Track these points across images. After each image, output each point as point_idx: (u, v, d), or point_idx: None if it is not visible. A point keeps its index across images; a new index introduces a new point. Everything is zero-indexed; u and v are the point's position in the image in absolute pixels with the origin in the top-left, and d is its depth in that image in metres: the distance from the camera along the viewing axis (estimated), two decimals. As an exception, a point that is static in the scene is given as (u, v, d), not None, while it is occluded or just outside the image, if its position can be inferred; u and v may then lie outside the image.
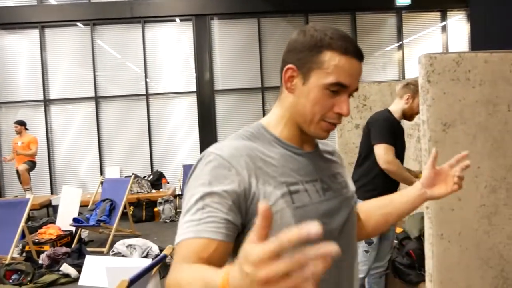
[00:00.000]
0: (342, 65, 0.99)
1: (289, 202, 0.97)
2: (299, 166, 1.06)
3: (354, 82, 1.01)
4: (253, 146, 1.02)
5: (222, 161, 0.96)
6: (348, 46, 0.99)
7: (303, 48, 1.02)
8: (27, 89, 9.44)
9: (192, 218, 0.91)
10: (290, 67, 1.03)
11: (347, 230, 1.10)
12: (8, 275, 4.49)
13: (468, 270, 2.07)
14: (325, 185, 1.08)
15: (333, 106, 1.02)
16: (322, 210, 1.03)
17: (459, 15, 10.11)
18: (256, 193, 0.95)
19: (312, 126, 1.04)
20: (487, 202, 2.08)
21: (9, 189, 9.35)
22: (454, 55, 2.03)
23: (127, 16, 9.34)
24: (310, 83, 1.01)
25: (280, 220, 0.96)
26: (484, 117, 2.06)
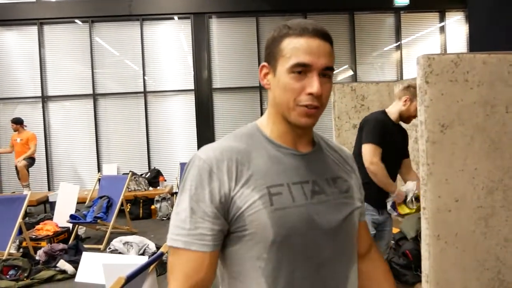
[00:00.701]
0: (299, 46, 1.00)
1: (267, 203, 0.98)
2: (287, 167, 1.05)
3: (317, 59, 1.00)
4: (241, 148, 1.04)
5: (205, 166, 1.00)
6: (304, 27, 1.02)
7: (269, 44, 1.07)
8: (25, 86, 9.41)
9: (183, 226, 0.99)
10: (262, 64, 1.09)
11: (339, 237, 1.08)
12: (5, 271, 4.49)
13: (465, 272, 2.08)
14: (316, 188, 1.06)
15: (304, 88, 1.01)
16: (306, 213, 1.02)
17: (458, 15, 10.12)
18: (234, 197, 0.98)
19: (291, 113, 1.03)
20: (484, 204, 2.09)
21: (7, 185, 9.33)
22: (452, 56, 2.03)
23: (125, 13, 9.32)
24: (278, 72, 1.04)
25: (256, 221, 0.98)
26: (482, 118, 2.07)
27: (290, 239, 0.99)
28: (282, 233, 0.98)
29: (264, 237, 0.98)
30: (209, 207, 0.98)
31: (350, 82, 8.65)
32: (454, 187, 2.05)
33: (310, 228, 1.02)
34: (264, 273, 1.00)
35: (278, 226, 0.97)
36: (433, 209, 2.05)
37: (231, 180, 0.99)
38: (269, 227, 0.97)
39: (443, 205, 2.05)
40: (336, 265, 1.08)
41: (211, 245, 0.98)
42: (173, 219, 1.01)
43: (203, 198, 0.98)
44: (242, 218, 0.98)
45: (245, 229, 0.99)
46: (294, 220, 1.00)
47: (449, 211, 2.05)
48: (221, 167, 0.99)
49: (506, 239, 2.11)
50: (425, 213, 2.06)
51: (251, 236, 0.99)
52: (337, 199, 1.09)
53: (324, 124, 9.53)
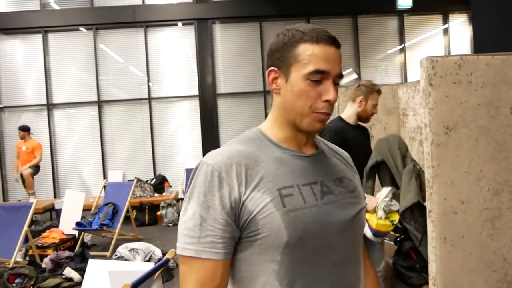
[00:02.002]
0: (317, 53, 1.01)
1: (279, 206, 0.98)
2: (295, 169, 1.05)
3: (333, 67, 1.02)
4: (247, 152, 1.03)
5: (214, 172, 0.99)
6: (319, 35, 1.02)
7: (279, 48, 1.05)
8: (30, 94, 9.47)
9: (192, 234, 0.98)
10: (271, 69, 1.07)
11: (348, 236, 1.08)
12: (12, 279, 4.50)
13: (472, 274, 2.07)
14: (325, 188, 1.07)
15: (320, 95, 1.02)
16: (318, 214, 1.02)
17: (461, 17, 10.10)
18: (245, 202, 0.98)
19: (304, 119, 1.04)
20: (490, 206, 2.07)
21: (13, 193, 9.38)
22: (456, 58, 2.03)
23: (129, 20, 9.37)
24: (292, 78, 1.03)
25: (269, 224, 0.97)
26: (487, 120, 2.06)
27: (304, 240, 0.99)
28: (296, 235, 0.97)
29: (278, 239, 0.97)
30: (219, 214, 0.96)
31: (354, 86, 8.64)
32: (459, 189, 2.04)
33: (323, 229, 1.02)
34: (278, 276, 0.99)
35: (292, 228, 0.97)
36: (439, 212, 2.04)
37: (241, 185, 0.98)
38: (283, 229, 0.96)
39: (449, 208, 2.04)
40: (348, 265, 1.08)
41: (222, 253, 0.98)
42: (181, 227, 1.00)
43: (213, 205, 0.97)
44: (254, 222, 0.97)
45: (258, 233, 0.98)
46: (307, 221, 0.99)
47: (455, 213, 2.04)
48: (230, 172, 0.99)
49: (513, 241, 2.09)
50: (431, 215, 2.05)
51: (264, 239, 0.98)
52: (345, 198, 1.09)
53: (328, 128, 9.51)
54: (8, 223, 5.08)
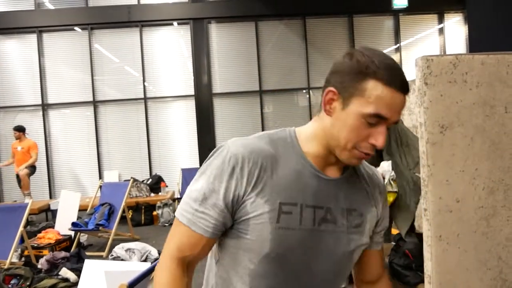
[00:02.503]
0: (384, 96, 0.95)
1: (273, 219, 0.99)
2: (307, 187, 1.03)
3: (394, 115, 0.98)
4: (270, 153, 1.03)
5: (231, 161, 1.00)
6: (394, 77, 0.96)
7: (347, 73, 0.99)
8: (25, 94, 9.44)
9: (192, 205, 1.02)
10: (331, 89, 1.01)
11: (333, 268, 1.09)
12: (7, 280, 4.48)
13: (467, 272, 2.08)
14: (328, 216, 1.05)
15: (369, 136, 0.99)
16: (308, 238, 1.03)
17: (456, 17, 10.14)
18: (246, 201, 1.00)
19: (344, 152, 1.01)
20: (485, 204, 2.08)
21: (8, 194, 9.34)
22: (451, 57, 2.03)
23: (124, 20, 9.36)
24: (349, 109, 0.98)
25: (258, 232, 1.00)
26: (482, 119, 2.06)
27: (284, 258, 1.02)
28: (278, 251, 1.00)
29: (260, 248, 1.01)
30: (220, 200, 1.00)
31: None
32: (454, 188, 2.05)
33: (306, 254, 1.04)
34: (251, 274, 1.04)
35: (277, 244, 1.00)
36: (434, 210, 2.05)
37: (249, 184, 0.99)
38: (268, 242, 1.00)
39: (444, 206, 2.05)
40: None
41: (210, 232, 1.02)
42: (187, 194, 1.05)
43: (217, 190, 1.00)
44: (247, 223, 1.01)
45: (246, 233, 1.01)
46: (294, 242, 1.01)
47: (450, 211, 2.05)
48: (244, 167, 0.99)
49: (507, 238, 2.11)
50: (426, 214, 2.06)
51: (249, 241, 1.02)
52: (345, 232, 1.08)
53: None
54: (3, 224, 5.06)
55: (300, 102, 10.05)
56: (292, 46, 9.85)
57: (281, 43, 9.84)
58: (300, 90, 9.89)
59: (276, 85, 9.77)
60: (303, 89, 9.86)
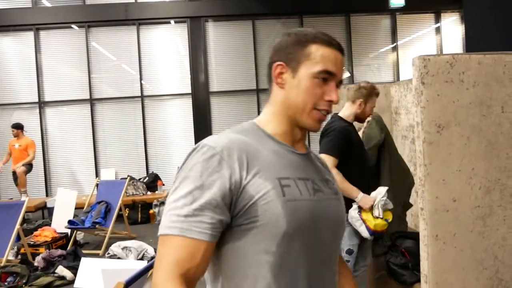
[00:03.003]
0: (328, 55, 1.07)
1: (280, 194, 0.99)
2: (291, 164, 1.08)
3: (339, 71, 1.09)
4: (246, 140, 1.05)
5: (214, 153, 0.98)
6: (330, 39, 1.09)
7: (290, 46, 1.10)
8: (22, 91, 9.40)
9: (179, 213, 0.94)
10: (279, 63, 1.10)
11: (335, 235, 1.12)
12: (4, 278, 4.47)
13: (463, 272, 2.09)
14: (316, 186, 1.09)
15: (323, 94, 1.08)
16: (312, 208, 1.04)
17: (453, 16, 10.16)
18: (246, 186, 0.97)
19: (305, 115, 1.08)
20: (482, 203, 2.09)
21: (4, 192, 9.31)
22: (448, 57, 2.04)
23: (121, 18, 9.33)
24: (300, 74, 1.07)
25: (269, 211, 0.97)
26: (478, 119, 2.07)
27: (300, 231, 1.00)
28: (294, 225, 0.98)
29: (277, 227, 0.97)
30: (214, 195, 0.94)
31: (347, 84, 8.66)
32: (451, 187, 2.06)
33: (316, 223, 1.04)
34: (271, 268, 0.98)
35: (291, 217, 0.98)
36: (431, 210, 2.06)
37: (242, 169, 0.98)
38: (282, 217, 0.97)
39: (441, 206, 2.05)
40: (334, 265, 1.13)
41: (209, 234, 0.94)
42: (169, 207, 0.96)
43: (209, 185, 0.95)
44: (254, 208, 0.96)
45: (256, 220, 0.97)
46: (304, 213, 1.01)
47: (446, 211, 2.06)
48: (232, 155, 0.99)
49: (503, 238, 2.12)
50: (423, 213, 2.07)
51: (261, 228, 0.97)
52: (331, 199, 1.13)
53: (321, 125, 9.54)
54: (0, 222, 5.05)
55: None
56: (290, 44, 9.84)
57: (279, 42, 9.83)
58: (297, 89, 9.88)
59: None
60: (338, 103, 9.84)
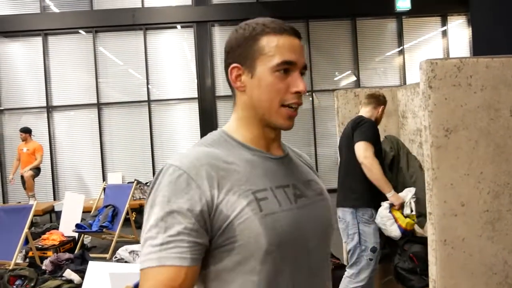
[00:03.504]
0: (282, 44, 0.98)
1: (256, 210, 0.91)
2: (267, 171, 0.99)
3: (299, 58, 0.99)
4: (215, 154, 0.96)
5: (181, 174, 0.90)
6: (280, 26, 0.99)
7: (240, 44, 1.01)
8: (30, 96, 9.48)
9: (153, 243, 0.86)
10: (233, 66, 1.01)
11: (323, 241, 1.05)
12: (12, 281, 4.49)
13: (472, 277, 2.07)
14: (298, 191, 1.02)
15: (288, 87, 0.98)
16: (294, 218, 0.96)
17: (460, 19, 10.13)
18: (219, 206, 0.90)
19: (273, 115, 0.99)
20: (491, 208, 2.08)
21: (13, 195, 9.37)
22: (455, 61, 2.04)
23: (129, 23, 9.39)
24: (258, 72, 0.98)
25: (247, 230, 0.89)
26: (486, 122, 2.07)
27: (283, 246, 0.93)
28: (276, 240, 0.91)
29: (257, 246, 0.90)
30: (186, 218, 0.87)
31: (353, 88, 8.65)
32: (459, 191, 2.05)
33: (300, 234, 0.97)
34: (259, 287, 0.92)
35: (272, 233, 0.91)
36: (439, 214, 2.05)
37: (213, 187, 0.90)
38: (262, 235, 0.90)
39: (449, 210, 2.04)
40: (324, 272, 1.06)
41: (188, 258, 0.86)
42: (144, 238, 0.89)
43: (179, 209, 0.87)
44: (231, 228, 0.89)
45: (235, 241, 0.90)
46: (284, 226, 0.93)
47: (455, 215, 2.05)
48: (200, 173, 0.90)
49: (513, 243, 2.10)
50: (431, 218, 2.05)
51: (241, 247, 0.90)
52: (317, 202, 1.06)
53: (328, 130, 9.54)
54: (8, 225, 5.08)
55: (303, 104, 10.03)
56: (296, 48, 9.84)
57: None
58: (304, 92, 9.88)
59: None
60: (306, 92, 9.85)
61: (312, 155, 9.69)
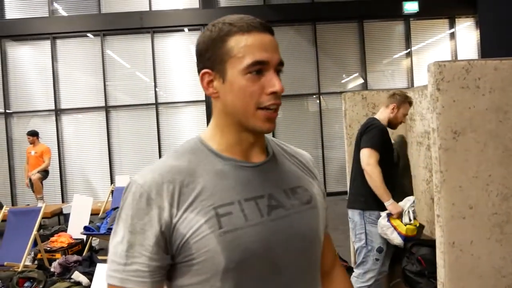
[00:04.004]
0: (251, 43, 0.91)
1: (215, 227, 0.87)
2: (237, 182, 0.93)
3: (272, 55, 0.92)
4: (181, 167, 0.92)
5: (142, 193, 0.89)
6: (248, 23, 0.93)
7: (208, 48, 0.94)
8: (38, 99, 9.56)
9: (118, 261, 0.88)
10: (204, 71, 0.95)
11: (302, 255, 0.97)
12: (21, 283, 4.52)
13: (481, 280, 2.06)
14: (273, 202, 0.95)
15: (263, 88, 0.91)
16: (262, 232, 0.90)
17: (468, 22, 10.08)
18: (176, 225, 0.87)
19: (250, 119, 0.92)
20: (499, 211, 2.07)
21: (21, 198, 9.44)
22: (464, 63, 2.03)
23: (136, 26, 9.44)
24: (229, 76, 0.92)
25: (204, 249, 0.86)
26: (495, 125, 2.06)
27: (245, 264, 0.88)
28: (235, 258, 0.87)
29: (215, 264, 0.86)
30: (147, 239, 0.86)
31: (361, 90, 8.63)
32: (468, 194, 2.04)
33: (268, 249, 0.91)
34: None
35: (230, 251, 0.86)
36: (447, 217, 2.04)
37: (173, 205, 0.88)
38: (219, 253, 0.86)
39: (457, 213, 2.04)
40: (306, 286, 0.99)
41: (149, 282, 0.87)
42: (110, 252, 0.91)
43: (140, 230, 0.87)
44: (187, 247, 0.87)
45: (193, 258, 0.88)
46: (248, 242, 0.88)
47: (463, 218, 2.04)
48: (161, 191, 0.88)
49: (522, 246, 2.09)
50: (439, 220, 2.05)
51: (200, 265, 0.88)
52: (299, 212, 0.98)
53: (335, 133, 9.52)
54: (17, 228, 5.12)
55: (310, 107, 10.04)
56: (303, 51, 9.86)
57: (292, 49, 9.85)
58: (311, 95, 9.89)
59: (286, 90, 9.51)
60: (313, 95, 9.86)
61: (319, 157, 9.68)
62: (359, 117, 4.13)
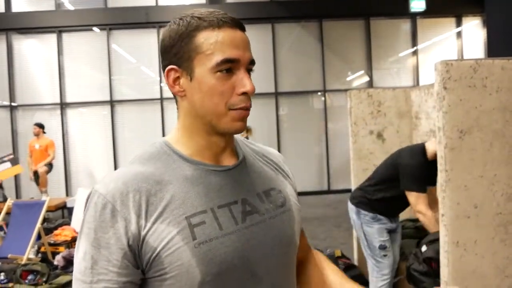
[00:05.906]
0: (221, 40, 0.85)
1: (189, 238, 0.81)
2: (210, 188, 0.88)
3: (243, 53, 0.87)
4: (148, 174, 0.86)
5: (105, 204, 0.81)
6: (218, 18, 0.86)
7: (174, 43, 0.88)
8: (44, 93, 9.58)
9: (84, 278, 0.81)
10: (169, 68, 0.89)
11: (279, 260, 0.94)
12: (24, 275, 4.55)
13: (484, 279, 2.06)
14: (247, 207, 0.90)
15: (234, 88, 0.86)
16: (238, 241, 0.86)
17: (475, 20, 10.02)
18: (145, 237, 0.81)
19: (221, 120, 0.87)
20: (504, 211, 2.06)
21: (25, 191, 9.49)
22: (471, 62, 2.02)
23: (142, 21, 9.44)
24: (197, 74, 0.86)
25: (177, 262, 0.81)
26: (501, 124, 2.05)
27: (223, 275, 0.83)
28: (211, 271, 0.82)
29: (190, 278, 0.81)
30: (113, 254, 0.80)
31: (367, 88, 8.61)
32: (473, 193, 2.04)
33: (245, 259, 0.86)
34: None
35: (205, 264, 0.81)
36: (452, 216, 2.03)
37: (140, 216, 0.81)
38: (194, 266, 0.81)
39: (462, 212, 2.03)
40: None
41: None
42: (74, 269, 0.84)
43: (105, 244, 0.80)
44: (159, 261, 0.81)
45: (165, 273, 0.81)
46: (225, 253, 0.83)
47: (468, 217, 2.03)
48: (126, 202, 0.81)
49: (527, 246, 2.08)
50: (443, 219, 2.04)
51: (173, 279, 0.82)
52: (274, 216, 0.94)
53: (340, 131, 9.51)
54: (21, 221, 5.15)
55: (315, 104, 10.03)
56: (309, 48, 9.84)
57: (298, 45, 9.84)
58: (316, 92, 9.87)
59: (292, 87, 9.77)
60: (319, 92, 9.84)
61: (324, 154, 9.67)
62: (364, 114, 4.12)
